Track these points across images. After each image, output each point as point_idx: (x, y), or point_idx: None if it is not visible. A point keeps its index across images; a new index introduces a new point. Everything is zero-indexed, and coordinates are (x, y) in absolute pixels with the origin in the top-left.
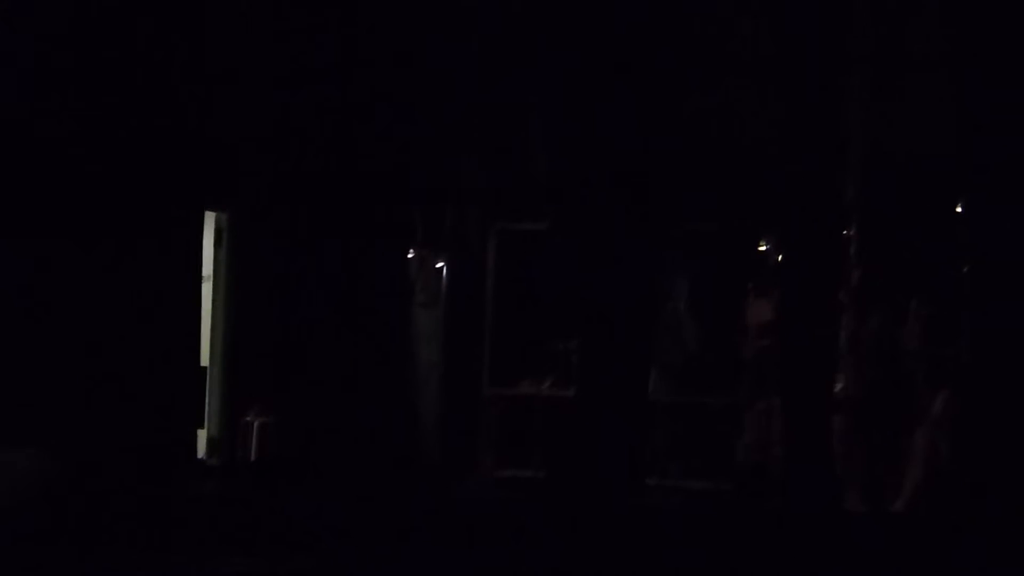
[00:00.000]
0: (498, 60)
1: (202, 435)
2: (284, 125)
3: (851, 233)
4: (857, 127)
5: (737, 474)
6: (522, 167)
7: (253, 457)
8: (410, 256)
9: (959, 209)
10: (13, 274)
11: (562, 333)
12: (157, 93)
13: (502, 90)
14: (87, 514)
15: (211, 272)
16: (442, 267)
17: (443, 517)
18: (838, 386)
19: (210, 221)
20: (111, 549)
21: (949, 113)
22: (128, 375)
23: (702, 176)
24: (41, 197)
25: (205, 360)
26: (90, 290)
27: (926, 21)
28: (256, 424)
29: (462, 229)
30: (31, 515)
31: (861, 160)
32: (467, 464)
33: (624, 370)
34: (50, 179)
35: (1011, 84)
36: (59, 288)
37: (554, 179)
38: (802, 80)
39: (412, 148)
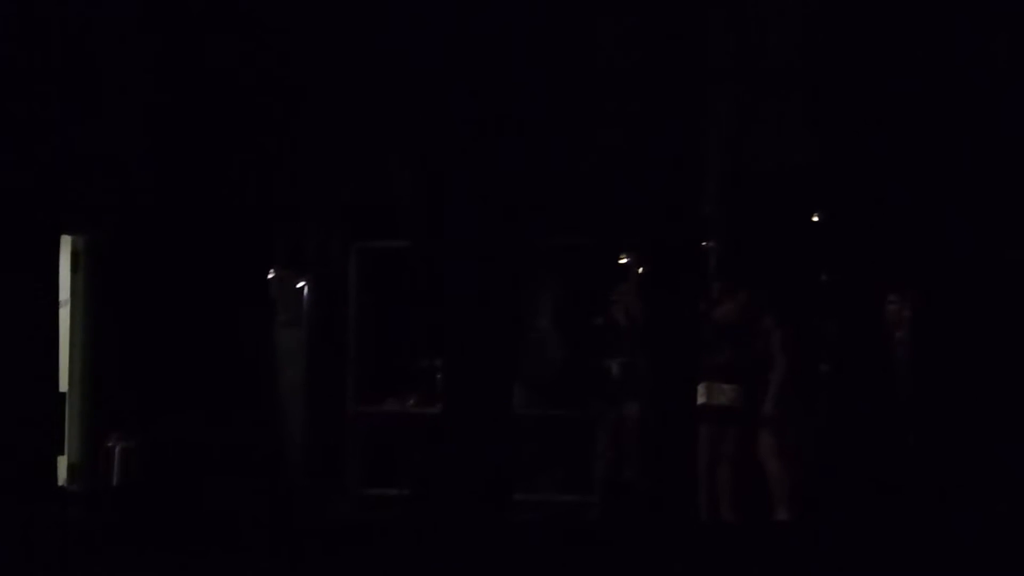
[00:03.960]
0: (358, 77)
1: (62, 462)
2: (140, 145)
3: (711, 245)
4: (715, 140)
5: (603, 487)
6: (382, 185)
7: (115, 482)
8: (271, 276)
9: (815, 219)
10: None
11: (426, 350)
12: (8, 113)
13: (362, 107)
14: None
15: (68, 296)
16: (303, 286)
17: (310, 537)
18: (699, 397)
19: (66, 245)
20: None
21: (806, 125)
22: None
23: (564, 191)
24: None
25: (64, 386)
26: None
27: (782, 34)
28: (118, 449)
29: (323, 248)
30: None
31: (719, 173)
32: (333, 483)
33: (489, 385)
34: None
35: (866, 95)
36: None
37: (415, 196)
38: (658, 93)
39: (271, 167)
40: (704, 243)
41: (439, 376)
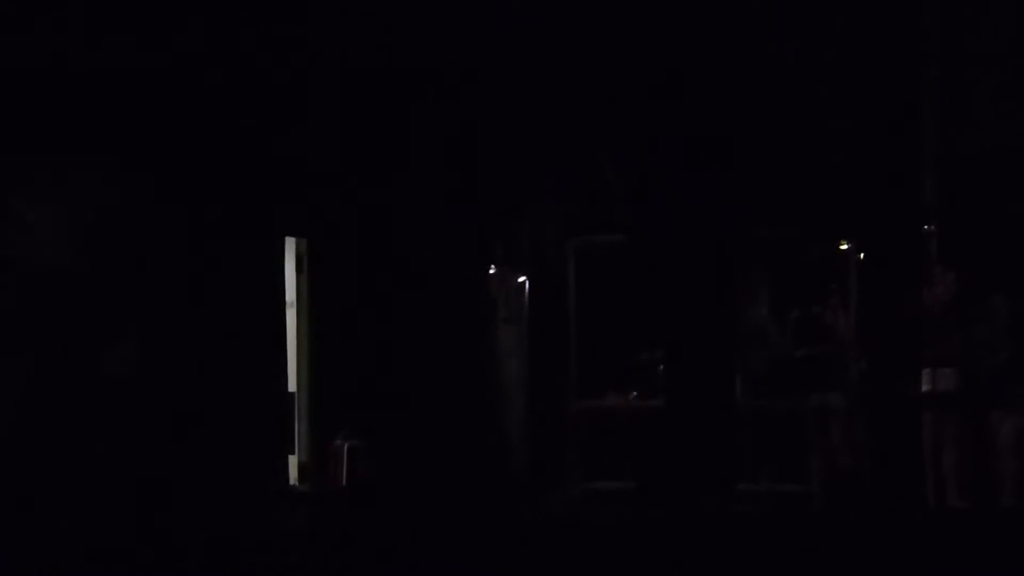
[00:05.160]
0: (572, 71)
1: (293, 461)
2: (357, 147)
3: (932, 231)
4: (931, 121)
5: (826, 477)
6: (599, 179)
7: (344, 481)
8: (491, 273)
9: None
10: (98, 304)
11: (646, 343)
12: (235, 118)
13: (579, 101)
14: (184, 547)
15: (294, 298)
16: (523, 282)
17: (536, 532)
18: (923, 384)
19: (291, 247)
20: None
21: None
22: (216, 404)
23: (779, 182)
24: (124, 224)
25: (293, 386)
26: (174, 320)
27: (996, 15)
28: (346, 448)
29: (541, 243)
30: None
31: (937, 155)
32: (556, 478)
33: (710, 377)
34: (135, 209)
35: None
36: (145, 319)
37: (631, 190)
38: (871, 76)
39: (489, 163)
40: (924, 227)
41: (660, 369)
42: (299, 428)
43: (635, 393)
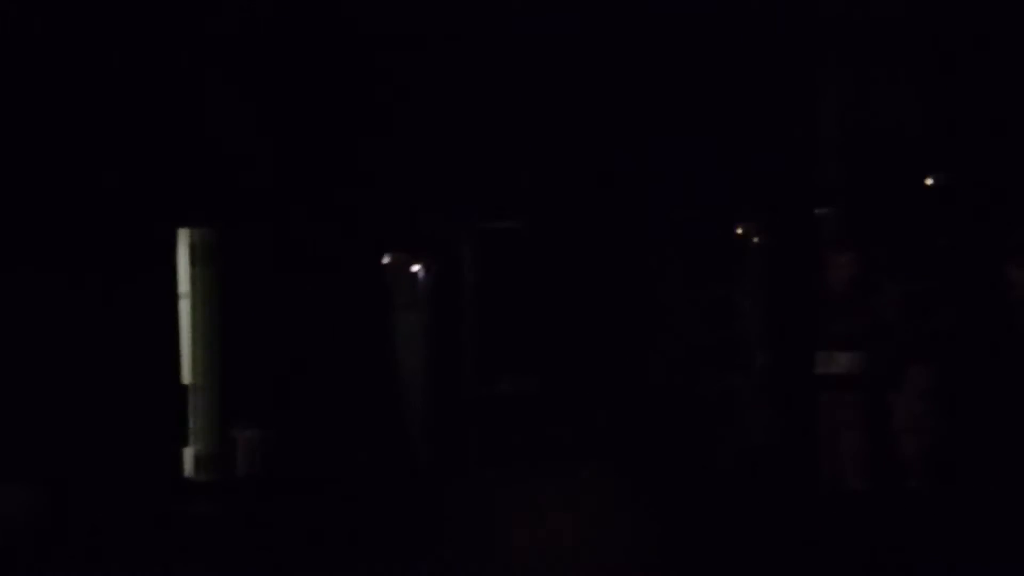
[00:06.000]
0: (474, 57)
1: (188, 453)
2: (253, 137)
3: (828, 213)
4: (827, 105)
5: (731, 457)
6: (496, 168)
7: (242, 472)
8: (387, 260)
9: (930, 182)
10: None
11: (544, 329)
12: (130, 108)
13: (476, 89)
14: (77, 541)
15: (188, 289)
16: (419, 270)
17: (431, 516)
18: (822, 367)
19: (184, 238)
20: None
21: (922, 87)
22: (107, 397)
23: (676, 165)
24: (11, 217)
25: (187, 377)
26: (64, 312)
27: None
28: (242, 438)
29: (437, 231)
30: (19, 550)
31: (832, 138)
32: (455, 465)
33: (611, 361)
34: (20, 199)
35: (983, 56)
36: (32, 312)
37: (530, 177)
38: (773, 65)
39: (385, 151)
40: (819, 210)
41: (549, 354)
42: (196, 420)
43: (531, 378)
